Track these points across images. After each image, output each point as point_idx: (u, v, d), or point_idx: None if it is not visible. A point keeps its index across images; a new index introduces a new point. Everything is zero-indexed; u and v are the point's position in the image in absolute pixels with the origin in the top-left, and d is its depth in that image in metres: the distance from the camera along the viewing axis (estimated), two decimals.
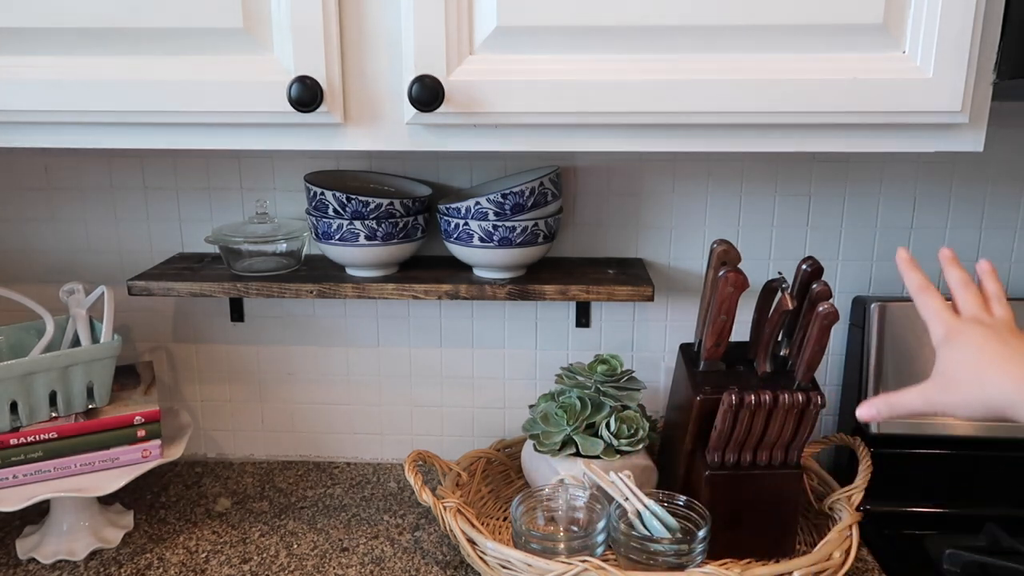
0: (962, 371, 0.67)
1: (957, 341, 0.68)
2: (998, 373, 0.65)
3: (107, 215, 1.20)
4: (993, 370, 0.65)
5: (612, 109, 0.79)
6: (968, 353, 0.67)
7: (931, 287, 0.74)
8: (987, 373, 0.65)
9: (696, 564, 0.89)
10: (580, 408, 1.05)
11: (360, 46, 0.81)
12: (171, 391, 1.28)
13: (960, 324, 0.70)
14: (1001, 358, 0.65)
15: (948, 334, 0.70)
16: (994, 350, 0.66)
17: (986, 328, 0.69)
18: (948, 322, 0.70)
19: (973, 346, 0.67)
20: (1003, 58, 0.78)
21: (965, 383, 0.66)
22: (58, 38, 0.81)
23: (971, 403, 0.66)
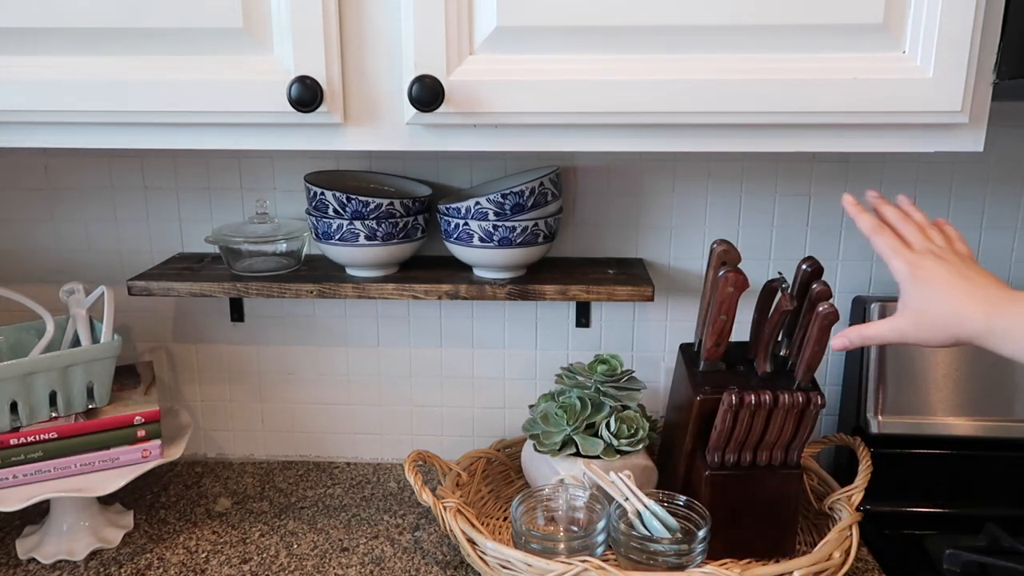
0: (935, 306, 0.71)
1: (924, 277, 0.73)
2: (968, 306, 0.70)
3: (107, 215, 1.20)
4: (963, 305, 0.70)
5: (612, 109, 0.79)
6: (938, 289, 0.72)
7: (884, 227, 0.78)
8: (958, 308, 0.70)
9: (696, 564, 0.89)
10: (580, 408, 1.05)
11: (360, 46, 0.81)
12: (171, 391, 1.28)
13: (921, 259, 0.74)
14: (969, 294, 0.70)
15: (912, 270, 0.74)
16: (962, 287, 0.71)
17: (947, 264, 0.74)
18: (909, 258, 0.75)
19: (942, 282, 0.72)
20: (1003, 58, 0.78)
21: (940, 317, 0.71)
22: (58, 38, 0.81)
23: (940, 336, 0.72)
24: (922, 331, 0.73)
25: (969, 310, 0.70)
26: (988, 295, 0.70)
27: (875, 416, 1.09)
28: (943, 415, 1.08)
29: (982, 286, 0.71)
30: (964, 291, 0.71)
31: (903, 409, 1.09)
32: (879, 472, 1.04)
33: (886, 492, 1.08)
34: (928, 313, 0.72)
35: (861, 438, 1.09)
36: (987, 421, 1.08)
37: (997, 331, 0.69)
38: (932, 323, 0.72)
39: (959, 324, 0.70)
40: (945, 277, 0.72)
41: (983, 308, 0.69)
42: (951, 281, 0.72)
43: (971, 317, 0.70)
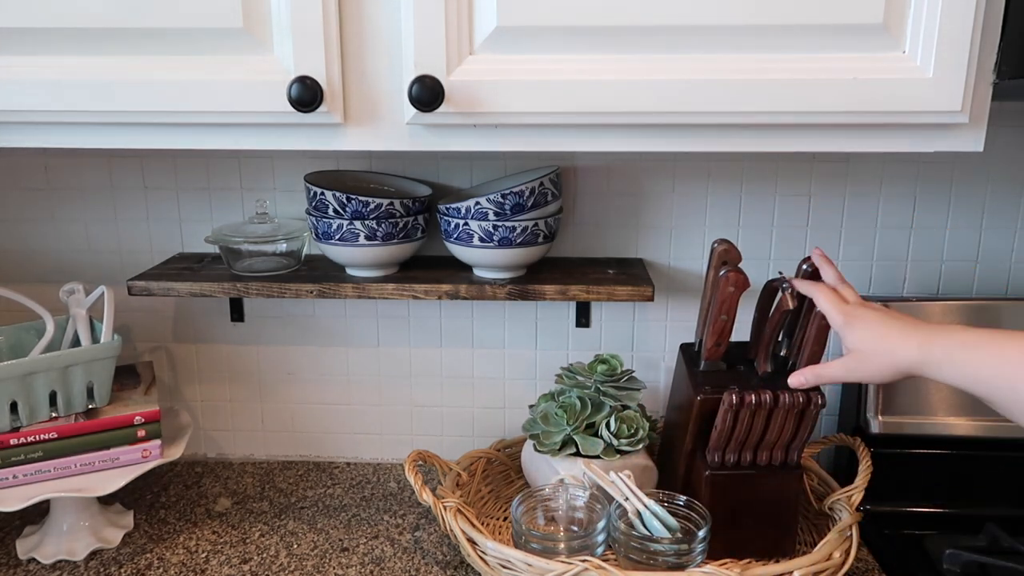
0: (872, 345, 0.80)
1: (858, 323, 0.82)
2: (901, 341, 0.78)
3: (107, 215, 1.20)
4: (897, 340, 0.78)
5: (612, 109, 0.79)
6: (872, 331, 0.80)
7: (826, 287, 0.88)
8: (893, 343, 0.78)
9: (696, 564, 0.89)
10: (580, 408, 1.05)
11: (360, 46, 0.81)
12: (171, 391, 1.28)
13: (853, 309, 0.84)
14: (899, 330, 0.79)
15: (847, 319, 0.83)
16: (891, 325, 0.80)
17: (877, 310, 0.83)
18: (845, 309, 0.84)
19: (873, 323, 0.81)
20: (1003, 58, 0.78)
21: (877, 355, 0.79)
22: (58, 38, 0.81)
23: (884, 370, 0.79)
24: (866, 368, 0.81)
25: (903, 344, 0.77)
26: (918, 329, 0.78)
27: (875, 416, 1.09)
28: (943, 415, 1.08)
29: (911, 323, 0.79)
30: (895, 328, 0.79)
31: (903, 409, 1.09)
32: (879, 472, 1.04)
33: (886, 492, 1.08)
34: (868, 352, 0.80)
35: (861, 438, 1.09)
36: (987, 421, 1.08)
37: (932, 360, 0.75)
38: (873, 360, 0.80)
39: (896, 357, 0.78)
40: (877, 319, 0.81)
41: (915, 340, 0.77)
42: (883, 322, 0.80)
43: (906, 350, 0.77)
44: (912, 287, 1.18)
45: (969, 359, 0.72)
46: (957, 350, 0.73)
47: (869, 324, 0.80)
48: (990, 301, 1.10)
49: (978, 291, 1.18)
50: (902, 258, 1.17)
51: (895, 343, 0.78)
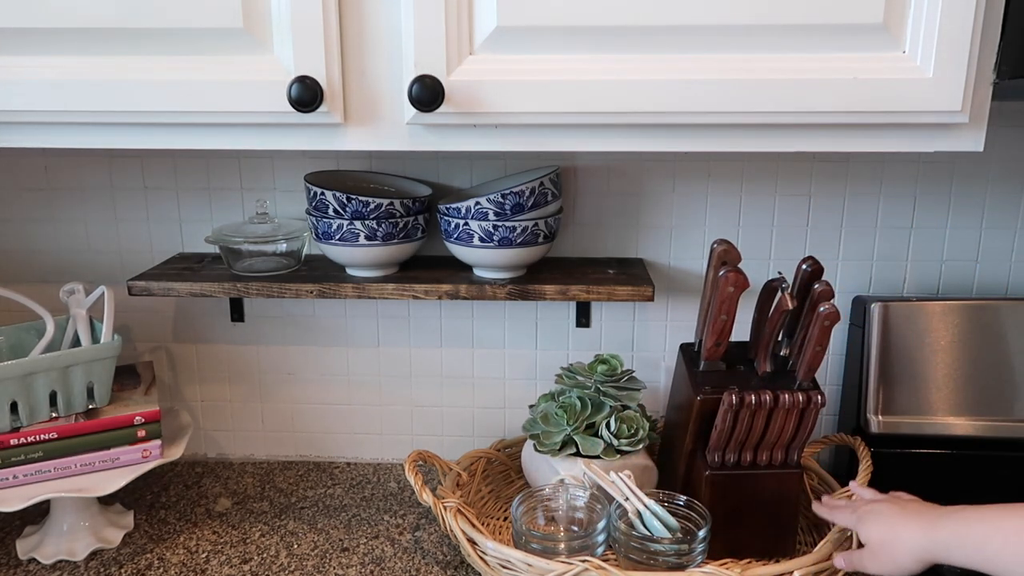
0: (881, 536, 0.80)
1: (869, 516, 0.82)
2: (907, 530, 0.77)
3: (107, 215, 1.20)
4: (903, 529, 0.78)
5: (612, 109, 0.79)
6: (881, 523, 0.80)
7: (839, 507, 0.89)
8: (900, 532, 0.78)
9: (696, 564, 0.89)
10: (580, 408, 1.05)
11: (360, 46, 0.81)
12: (171, 391, 1.28)
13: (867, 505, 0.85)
14: (906, 519, 0.79)
15: (859, 514, 0.84)
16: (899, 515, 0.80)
17: (887, 502, 0.84)
18: (856, 507, 0.85)
19: (884, 516, 0.81)
20: (1003, 58, 0.78)
21: (887, 545, 0.79)
22: (58, 38, 0.81)
23: (898, 559, 0.78)
24: (877, 561, 0.80)
25: (909, 532, 0.77)
26: (922, 516, 0.78)
27: (875, 416, 1.09)
28: (943, 415, 1.08)
29: (916, 511, 0.79)
30: (903, 517, 0.79)
31: (903, 409, 1.09)
32: (879, 472, 1.04)
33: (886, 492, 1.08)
34: (876, 544, 0.80)
35: (861, 438, 1.09)
36: (987, 421, 1.08)
37: (940, 543, 0.75)
38: (882, 552, 0.79)
39: (905, 546, 0.77)
40: (888, 511, 0.81)
41: (921, 527, 0.77)
42: (893, 512, 0.81)
43: (913, 538, 0.77)
44: (912, 287, 1.18)
45: (973, 536, 0.71)
46: (961, 529, 0.73)
47: (879, 516, 0.81)
48: (990, 301, 1.10)
49: (978, 291, 1.18)
50: (902, 258, 1.17)
51: (902, 531, 0.78)
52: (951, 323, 1.08)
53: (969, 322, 1.08)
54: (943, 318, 1.09)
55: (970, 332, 1.08)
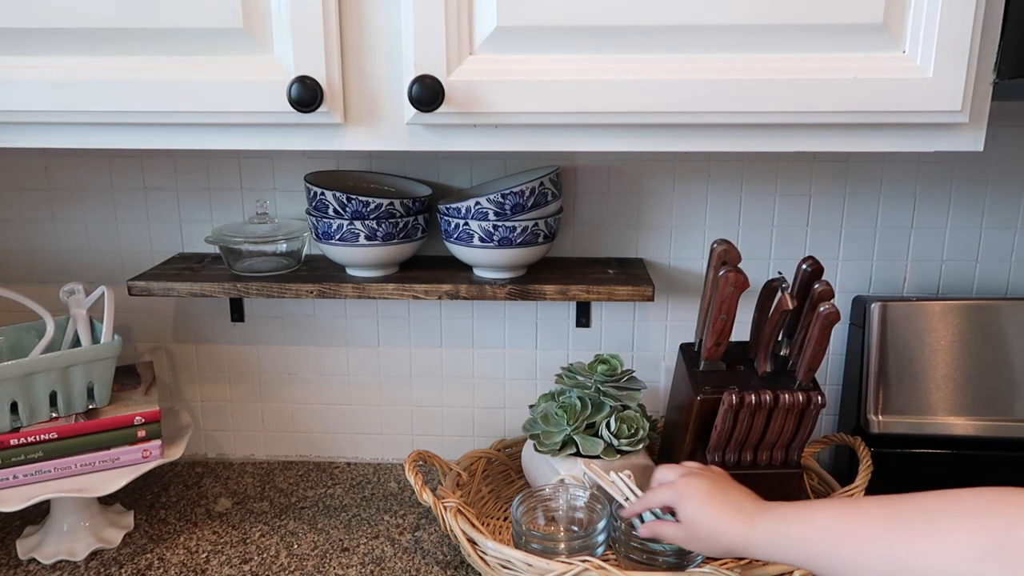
0: (699, 521, 0.79)
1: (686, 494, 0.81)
2: (729, 522, 0.76)
3: (107, 215, 1.20)
4: (725, 520, 0.77)
5: (612, 109, 0.79)
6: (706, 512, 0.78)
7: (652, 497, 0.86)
8: (721, 523, 0.77)
9: (696, 564, 0.89)
10: (580, 408, 1.05)
11: (360, 46, 0.81)
12: (171, 391, 1.28)
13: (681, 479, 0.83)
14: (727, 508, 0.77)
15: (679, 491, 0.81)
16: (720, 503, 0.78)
17: (705, 479, 0.82)
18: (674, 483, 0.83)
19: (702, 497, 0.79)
20: (1003, 58, 0.77)
21: (704, 535, 0.78)
22: (58, 38, 0.81)
23: (712, 549, 0.79)
24: (692, 542, 0.80)
25: (727, 524, 0.76)
26: (743, 508, 0.77)
27: (875, 416, 1.09)
28: (943, 415, 1.08)
29: (736, 500, 0.78)
30: (722, 504, 0.78)
31: (903, 409, 1.09)
32: (879, 472, 1.04)
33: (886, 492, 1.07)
34: (694, 525, 0.79)
35: (861, 438, 1.09)
36: (987, 421, 1.08)
37: (757, 543, 0.74)
38: (699, 536, 0.79)
39: (720, 536, 0.77)
40: (705, 491, 0.80)
41: (740, 520, 0.75)
42: (710, 494, 0.79)
43: (730, 530, 0.76)
44: (912, 287, 1.18)
45: (790, 535, 0.71)
46: (779, 527, 0.72)
47: (700, 501, 0.79)
48: (990, 301, 1.10)
49: (978, 291, 1.18)
50: (902, 258, 1.17)
51: (722, 526, 0.76)
52: (951, 323, 1.08)
53: (969, 322, 1.08)
54: (943, 318, 1.09)
55: (970, 332, 1.08)
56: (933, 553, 0.59)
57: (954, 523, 0.59)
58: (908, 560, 0.61)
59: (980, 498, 0.59)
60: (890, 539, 0.62)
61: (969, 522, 0.58)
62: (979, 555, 0.57)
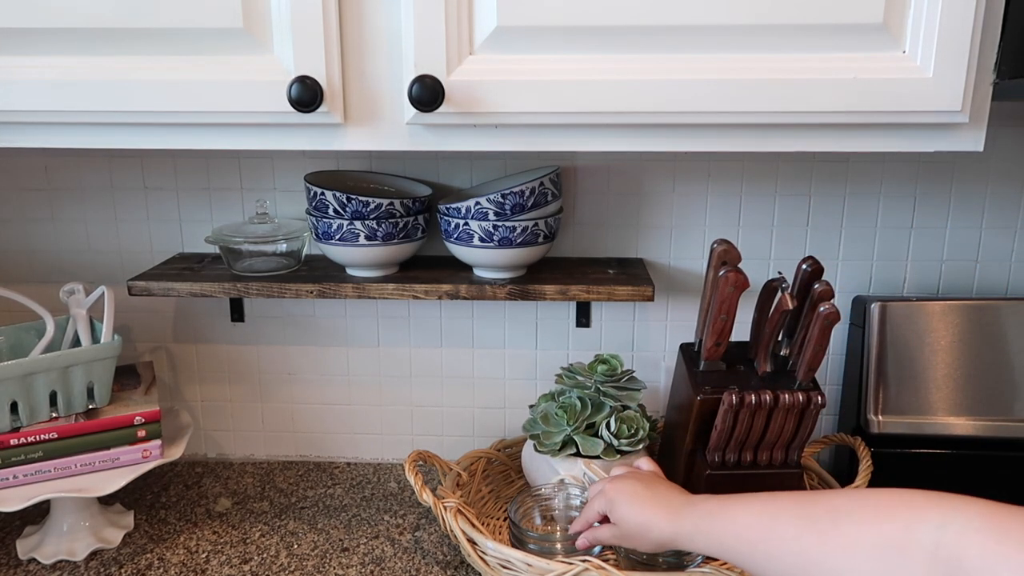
0: (629, 518, 0.81)
1: (620, 497, 0.82)
2: (655, 516, 0.78)
3: (107, 215, 1.20)
4: (651, 514, 0.79)
5: (612, 109, 0.79)
6: (628, 503, 0.81)
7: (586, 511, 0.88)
8: (648, 519, 0.79)
9: (696, 564, 0.89)
10: (580, 408, 1.05)
11: (360, 46, 0.81)
12: (171, 391, 1.28)
13: (610, 483, 0.85)
14: (653, 503, 0.80)
15: (608, 497, 0.84)
16: (646, 500, 0.80)
17: (632, 480, 0.84)
18: (603, 488, 0.85)
19: (630, 496, 0.82)
20: (1003, 58, 0.78)
21: (634, 527, 0.80)
22: (58, 38, 0.81)
23: (645, 543, 0.80)
24: (627, 540, 0.82)
25: (655, 519, 0.78)
26: (670, 502, 0.79)
27: (875, 416, 1.09)
28: (943, 415, 1.08)
29: (664, 495, 0.81)
30: (649, 500, 0.80)
31: (903, 409, 1.09)
32: (879, 472, 1.04)
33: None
34: (625, 524, 0.81)
35: (861, 438, 1.09)
36: (987, 421, 1.08)
37: (684, 533, 0.76)
38: (631, 532, 0.81)
39: (650, 531, 0.79)
40: (631, 491, 0.82)
41: (666, 515, 0.78)
42: (637, 493, 0.82)
43: (658, 524, 0.78)
44: (912, 287, 1.18)
45: (712, 529, 0.73)
46: (703, 521, 0.74)
47: (628, 500, 0.81)
48: (990, 301, 1.10)
49: (978, 291, 1.18)
50: (902, 258, 1.17)
51: (647, 517, 0.79)
52: (951, 323, 1.08)
53: (969, 322, 1.08)
54: (943, 318, 1.09)
55: (970, 332, 1.08)
56: (837, 552, 0.61)
57: (858, 523, 0.61)
58: (815, 558, 0.62)
59: (884, 499, 0.61)
60: (801, 538, 0.64)
61: (871, 522, 0.60)
62: (877, 554, 0.58)
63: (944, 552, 0.54)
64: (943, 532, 0.55)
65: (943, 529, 0.55)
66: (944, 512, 0.56)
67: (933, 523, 0.56)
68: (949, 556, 0.54)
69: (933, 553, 0.55)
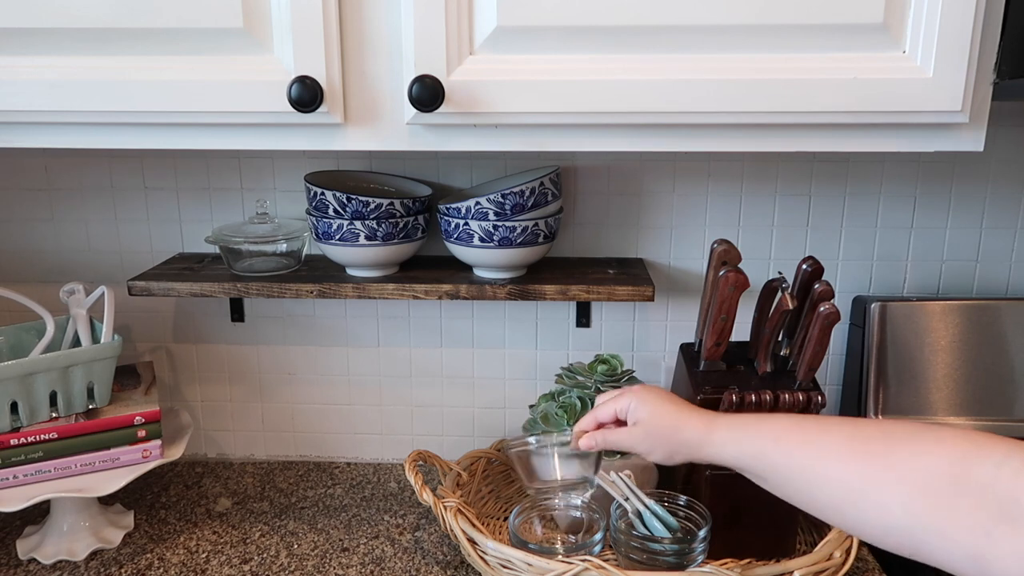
0: (660, 418, 0.80)
1: (646, 397, 0.82)
2: (689, 419, 0.78)
3: (107, 215, 1.20)
4: (686, 417, 0.78)
5: (612, 109, 0.79)
6: (660, 407, 0.80)
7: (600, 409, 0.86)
8: (682, 419, 0.78)
9: (696, 564, 0.89)
10: (580, 408, 1.05)
11: (360, 46, 0.81)
12: (171, 391, 1.28)
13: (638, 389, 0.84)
14: (688, 408, 0.80)
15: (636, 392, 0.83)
16: (679, 404, 0.80)
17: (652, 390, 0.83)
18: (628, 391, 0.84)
19: (663, 398, 0.81)
20: (1003, 58, 0.78)
21: (664, 428, 0.79)
22: (58, 38, 0.81)
23: (667, 446, 0.79)
24: (650, 440, 0.80)
25: (688, 418, 0.78)
26: (701, 412, 0.79)
27: (876, 416, 1.09)
28: (943, 415, 1.08)
29: (693, 407, 0.80)
30: (681, 403, 0.81)
31: (903, 409, 1.09)
32: None
33: None
34: (654, 424, 0.80)
35: None
36: (987, 421, 1.08)
37: (716, 437, 0.75)
38: (659, 433, 0.80)
39: (681, 430, 0.78)
40: (661, 393, 0.82)
41: (700, 416, 0.78)
42: (669, 396, 0.82)
43: (691, 423, 0.77)
44: (912, 287, 1.18)
45: (747, 433, 0.72)
46: (739, 424, 0.74)
47: (658, 400, 0.81)
48: (990, 301, 1.10)
49: (978, 291, 1.18)
50: (902, 258, 1.17)
51: (681, 418, 0.78)
52: (951, 323, 1.09)
53: (969, 322, 1.08)
54: (943, 318, 1.09)
55: (970, 332, 1.08)
56: (885, 474, 0.59)
57: (913, 451, 0.59)
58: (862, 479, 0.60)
59: (945, 433, 0.59)
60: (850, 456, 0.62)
61: (928, 453, 0.58)
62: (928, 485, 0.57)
63: (1001, 488, 0.53)
64: (1001, 469, 0.54)
65: (1001, 466, 0.54)
66: (1005, 451, 0.55)
67: (993, 460, 0.55)
68: (1005, 493, 0.53)
69: (989, 488, 0.54)
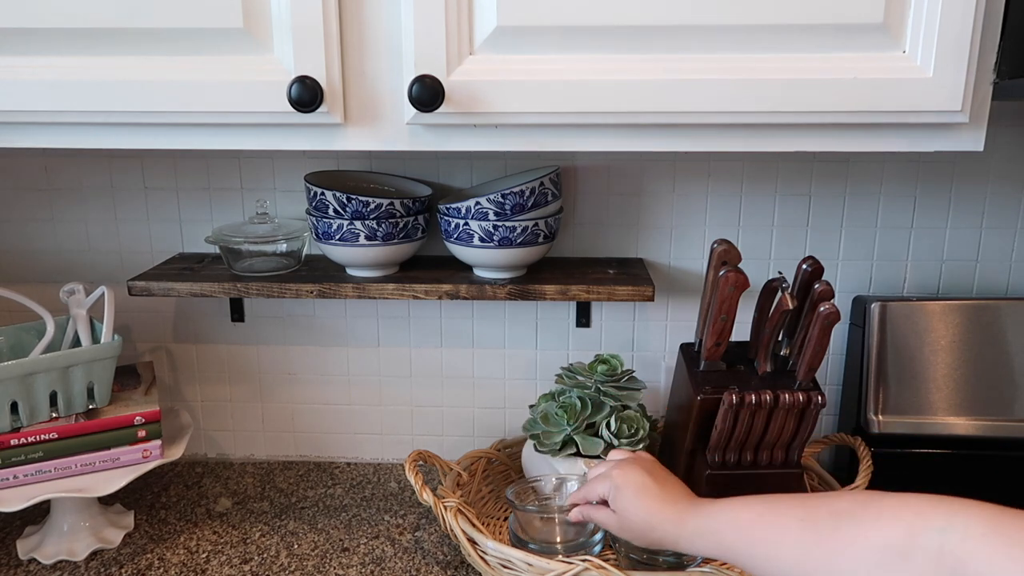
0: (633, 512, 0.79)
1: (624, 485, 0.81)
2: (659, 519, 0.77)
3: (107, 215, 1.20)
4: (658, 512, 0.77)
5: (612, 109, 0.79)
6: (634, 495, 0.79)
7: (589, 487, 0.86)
8: (654, 515, 0.78)
9: (696, 564, 0.89)
10: (580, 408, 1.05)
11: (360, 46, 0.81)
12: (171, 391, 1.28)
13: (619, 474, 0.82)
14: (661, 501, 0.78)
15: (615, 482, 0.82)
16: (655, 492, 0.79)
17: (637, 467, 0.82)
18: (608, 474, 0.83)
19: (637, 487, 0.80)
20: (1003, 58, 0.78)
21: (637, 527, 0.79)
22: (58, 38, 0.81)
23: (643, 540, 0.80)
24: (625, 532, 0.81)
25: (660, 519, 0.77)
26: (676, 502, 0.78)
27: (875, 416, 1.09)
28: (943, 415, 1.08)
29: (670, 493, 0.79)
30: (656, 498, 0.79)
31: (903, 409, 1.09)
32: (879, 472, 1.04)
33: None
34: (628, 520, 0.80)
35: (861, 438, 1.09)
36: (987, 421, 1.08)
37: (686, 537, 0.75)
38: (632, 528, 0.80)
39: (653, 530, 0.78)
40: (639, 483, 0.80)
41: (672, 515, 0.77)
42: (645, 486, 0.80)
43: (662, 525, 0.77)
44: (912, 287, 1.18)
45: (715, 530, 0.72)
46: (706, 523, 0.74)
47: (635, 493, 0.80)
48: (990, 301, 1.10)
49: (978, 291, 1.18)
50: (902, 258, 1.17)
51: (654, 517, 0.78)
52: (951, 323, 1.09)
53: (969, 322, 1.08)
54: (943, 318, 1.09)
55: (970, 332, 1.08)
56: (839, 555, 0.61)
57: (860, 526, 0.61)
58: (818, 561, 0.62)
59: (887, 502, 0.61)
60: (803, 540, 0.64)
61: (874, 526, 0.60)
62: (879, 558, 0.58)
63: (948, 556, 0.54)
64: (946, 536, 0.54)
65: (946, 533, 0.55)
66: (947, 516, 0.56)
67: (936, 527, 0.55)
68: (953, 560, 0.53)
69: (936, 557, 0.54)
